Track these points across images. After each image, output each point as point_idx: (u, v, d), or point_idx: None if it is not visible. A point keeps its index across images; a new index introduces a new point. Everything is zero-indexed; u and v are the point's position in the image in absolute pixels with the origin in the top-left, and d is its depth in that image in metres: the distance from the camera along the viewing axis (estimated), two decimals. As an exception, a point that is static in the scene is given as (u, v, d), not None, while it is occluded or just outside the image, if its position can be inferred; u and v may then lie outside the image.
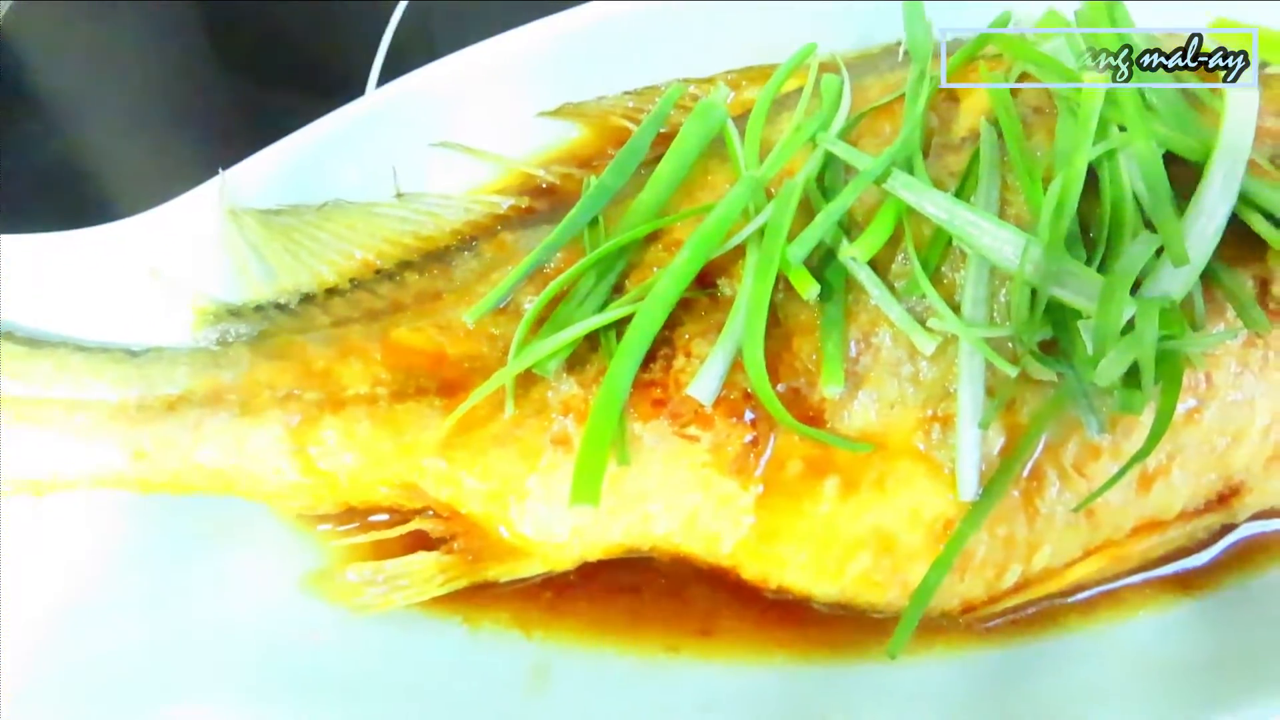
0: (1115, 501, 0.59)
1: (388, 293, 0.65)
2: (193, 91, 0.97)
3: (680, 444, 0.60)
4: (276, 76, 0.98)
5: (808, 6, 0.76)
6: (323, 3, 1.04)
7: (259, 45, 1.02)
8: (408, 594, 0.60)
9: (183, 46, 1.02)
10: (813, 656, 0.61)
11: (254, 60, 1.00)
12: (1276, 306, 0.57)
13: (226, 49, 1.02)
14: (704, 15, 0.76)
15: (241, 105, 0.95)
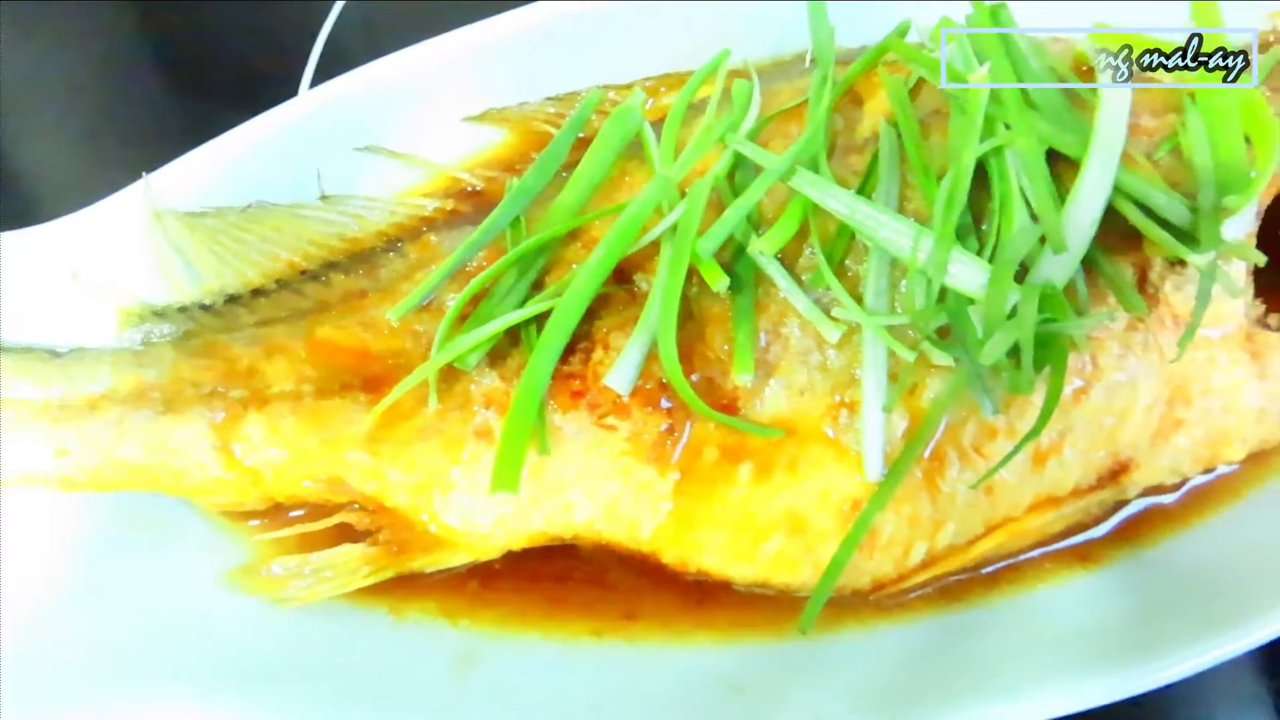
0: (1012, 479, 0.62)
1: (313, 292, 0.67)
2: (123, 92, 0.97)
3: (599, 433, 0.62)
4: (210, 77, 0.98)
5: (724, 13, 0.79)
6: (258, 2, 1.05)
7: (193, 45, 1.02)
8: (333, 585, 0.61)
9: (113, 46, 1.02)
10: (733, 636, 0.64)
11: (188, 60, 1.01)
12: (1154, 291, 0.61)
13: (159, 49, 1.02)
14: (624, 22, 0.78)
15: (174, 106, 0.95)
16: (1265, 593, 0.61)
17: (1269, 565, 0.64)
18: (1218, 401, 0.63)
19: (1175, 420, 0.63)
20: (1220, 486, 0.69)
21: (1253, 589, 0.62)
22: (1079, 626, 0.64)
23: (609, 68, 0.76)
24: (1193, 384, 0.62)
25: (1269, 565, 0.64)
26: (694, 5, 0.79)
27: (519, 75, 0.75)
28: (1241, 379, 0.63)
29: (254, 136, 0.69)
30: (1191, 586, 0.65)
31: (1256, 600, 0.60)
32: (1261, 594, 0.61)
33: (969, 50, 0.63)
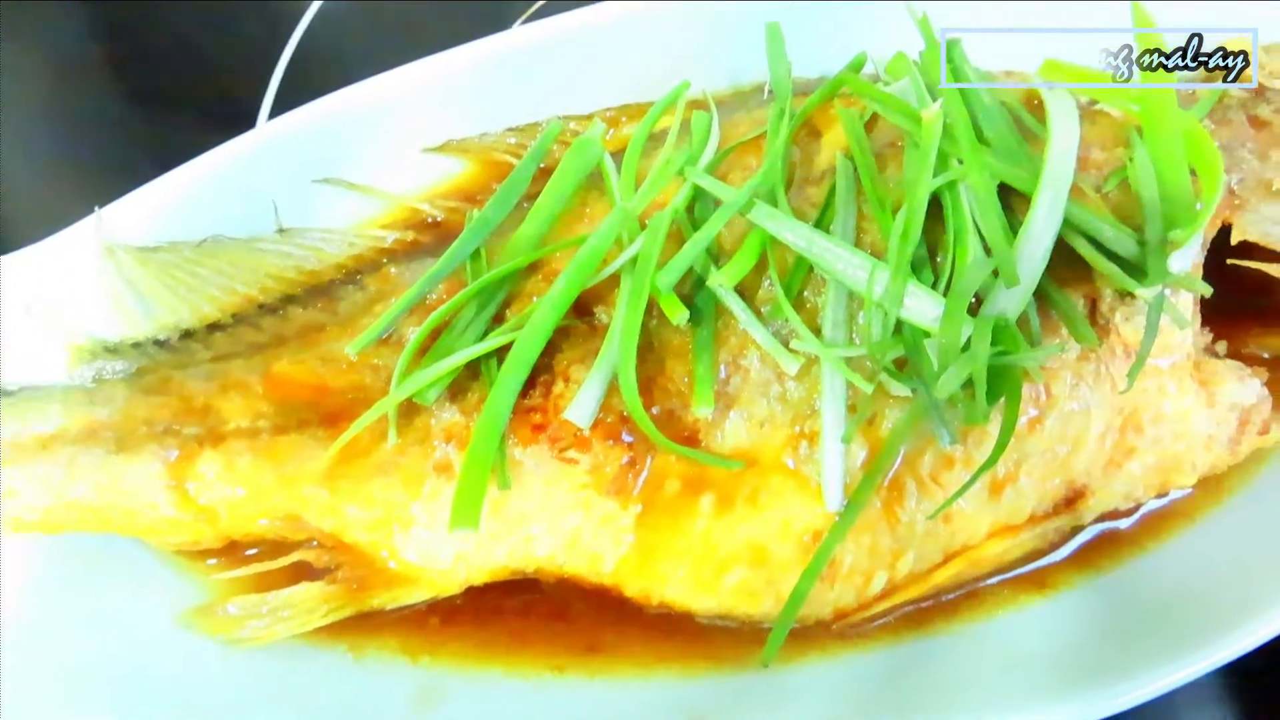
0: (970, 508, 0.63)
1: (270, 326, 0.66)
2: (84, 121, 0.96)
3: (560, 467, 0.62)
4: (176, 100, 0.97)
5: (684, 43, 0.80)
6: (219, 35, 1.04)
7: (158, 67, 1.01)
8: (291, 625, 0.60)
9: (72, 75, 1.00)
10: (695, 669, 0.64)
11: (149, 88, 1.00)
12: (1105, 322, 0.62)
13: (123, 72, 1.01)
14: (585, 53, 0.79)
15: (135, 133, 0.94)
16: (1223, 613, 0.62)
17: (1225, 586, 0.65)
18: (1168, 429, 0.64)
19: (1127, 448, 0.64)
20: (1174, 511, 0.70)
21: (1211, 610, 0.63)
22: (1039, 652, 0.65)
23: (570, 98, 0.77)
24: (1144, 412, 0.63)
25: (1225, 586, 0.65)
26: (656, 36, 0.80)
27: (480, 106, 0.76)
28: (1190, 407, 0.64)
29: (209, 169, 0.68)
30: (1149, 609, 0.66)
31: (1216, 621, 0.62)
32: (1220, 614, 0.62)
33: (922, 86, 0.64)
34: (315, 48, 1.01)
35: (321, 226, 0.69)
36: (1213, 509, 0.70)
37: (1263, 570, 0.65)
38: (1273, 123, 0.69)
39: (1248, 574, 0.65)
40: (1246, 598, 0.63)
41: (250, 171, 0.70)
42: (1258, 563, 0.66)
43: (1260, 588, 0.63)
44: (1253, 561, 0.66)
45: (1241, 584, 0.65)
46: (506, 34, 0.77)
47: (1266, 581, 0.63)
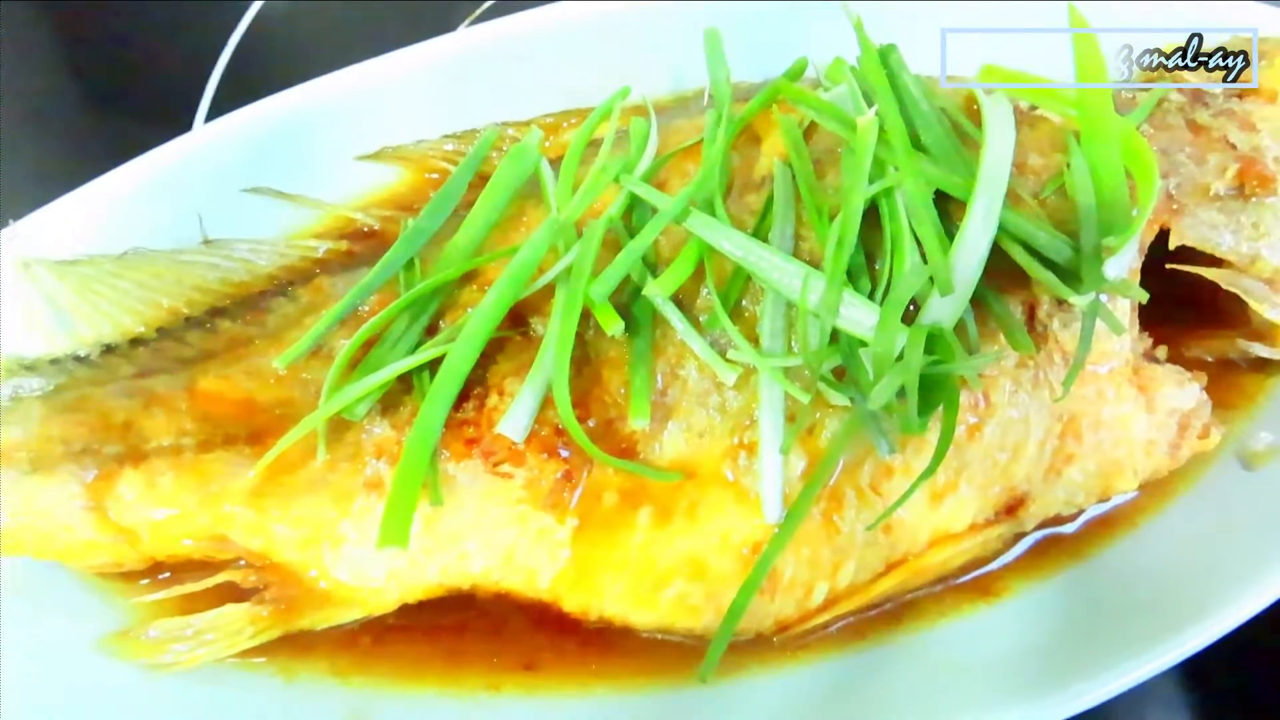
0: (910, 517, 0.62)
1: (197, 341, 0.64)
2: (22, 122, 0.93)
3: (494, 481, 0.61)
4: (113, 104, 0.95)
5: (626, 48, 0.79)
6: (164, 33, 1.02)
7: (99, 71, 0.99)
8: (216, 649, 0.58)
9: (13, 74, 0.98)
10: (635, 685, 0.63)
11: (92, 88, 0.97)
12: (1043, 329, 0.62)
13: (64, 76, 0.98)
14: (525, 58, 0.78)
15: (76, 134, 0.91)
16: (1169, 615, 0.62)
17: (1169, 588, 0.65)
18: (1108, 435, 0.64)
19: (1067, 454, 0.63)
20: (1117, 515, 0.70)
21: (1156, 612, 0.63)
22: (984, 660, 0.64)
23: (511, 104, 0.76)
24: (1083, 419, 0.63)
25: (1169, 588, 0.65)
26: (599, 40, 0.79)
27: (418, 112, 0.74)
28: (1129, 412, 0.64)
29: (133, 179, 0.66)
30: (1094, 614, 0.65)
31: (1162, 623, 0.61)
32: (1166, 616, 0.62)
33: (858, 92, 0.63)
34: (259, 50, 0.99)
35: (251, 237, 0.68)
36: (1156, 513, 0.70)
37: (1207, 572, 0.65)
38: (1210, 127, 0.69)
39: (1192, 576, 0.65)
40: (1192, 599, 0.62)
41: (178, 180, 0.68)
42: (1202, 565, 0.66)
43: (1205, 589, 0.63)
44: (1197, 564, 0.66)
45: (1186, 586, 0.65)
46: (445, 38, 0.76)
47: (1211, 583, 0.63)
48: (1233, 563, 0.64)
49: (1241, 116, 0.69)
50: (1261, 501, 0.68)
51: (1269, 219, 0.66)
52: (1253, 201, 0.66)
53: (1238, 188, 0.66)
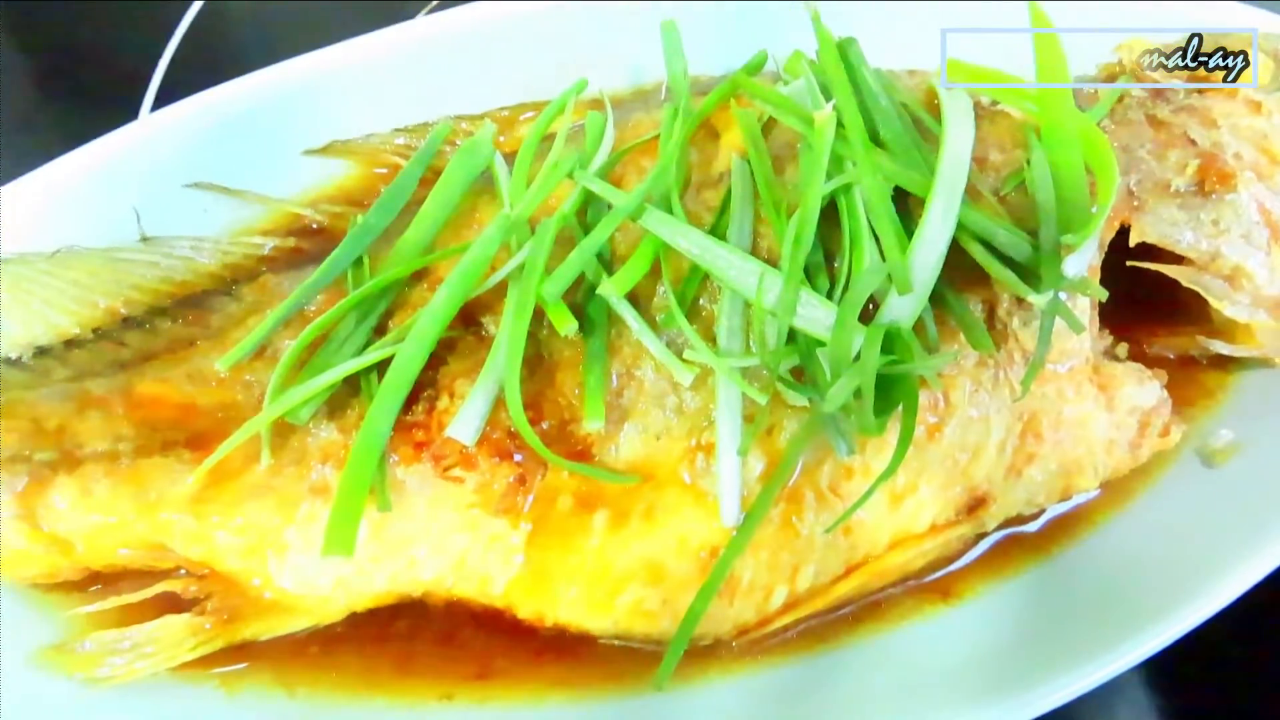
0: (870, 519, 0.61)
1: (135, 341, 0.62)
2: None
3: (445, 486, 0.59)
4: (60, 93, 0.91)
5: (588, 43, 0.77)
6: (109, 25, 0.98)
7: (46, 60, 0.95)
8: (155, 661, 0.56)
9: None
10: (592, 691, 0.61)
11: (40, 74, 0.94)
12: (1002, 328, 0.61)
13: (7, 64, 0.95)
14: (484, 50, 0.76)
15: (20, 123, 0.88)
16: (1132, 614, 0.61)
17: (1132, 587, 0.65)
18: (1068, 434, 0.63)
19: (1028, 454, 0.63)
20: (1078, 514, 0.69)
21: (1119, 611, 0.63)
22: (946, 662, 0.63)
23: (467, 97, 0.74)
24: (1043, 418, 0.62)
25: (1132, 587, 0.65)
26: (557, 32, 0.77)
27: (370, 104, 0.72)
28: (1090, 411, 0.63)
29: (69, 173, 0.64)
30: (1056, 614, 0.65)
31: (1124, 622, 0.61)
32: (1128, 615, 0.61)
33: (815, 87, 0.62)
34: (210, 38, 0.96)
35: (193, 234, 0.65)
36: (1117, 511, 0.69)
37: (1169, 570, 0.64)
38: (1171, 123, 0.68)
39: (1154, 574, 0.65)
40: (1155, 597, 0.62)
41: (117, 174, 0.65)
42: (1164, 563, 0.65)
43: (1167, 587, 0.62)
44: (1159, 562, 0.66)
45: (1148, 584, 0.64)
46: (398, 28, 0.74)
47: (1174, 581, 0.63)
48: (1195, 560, 0.64)
49: (1202, 112, 0.69)
50: (1222, 498, 0.68)
51: (1229, 216, 0.65)
52: (1213, 198, 0.65)
53: (1198, 184, 0.66)
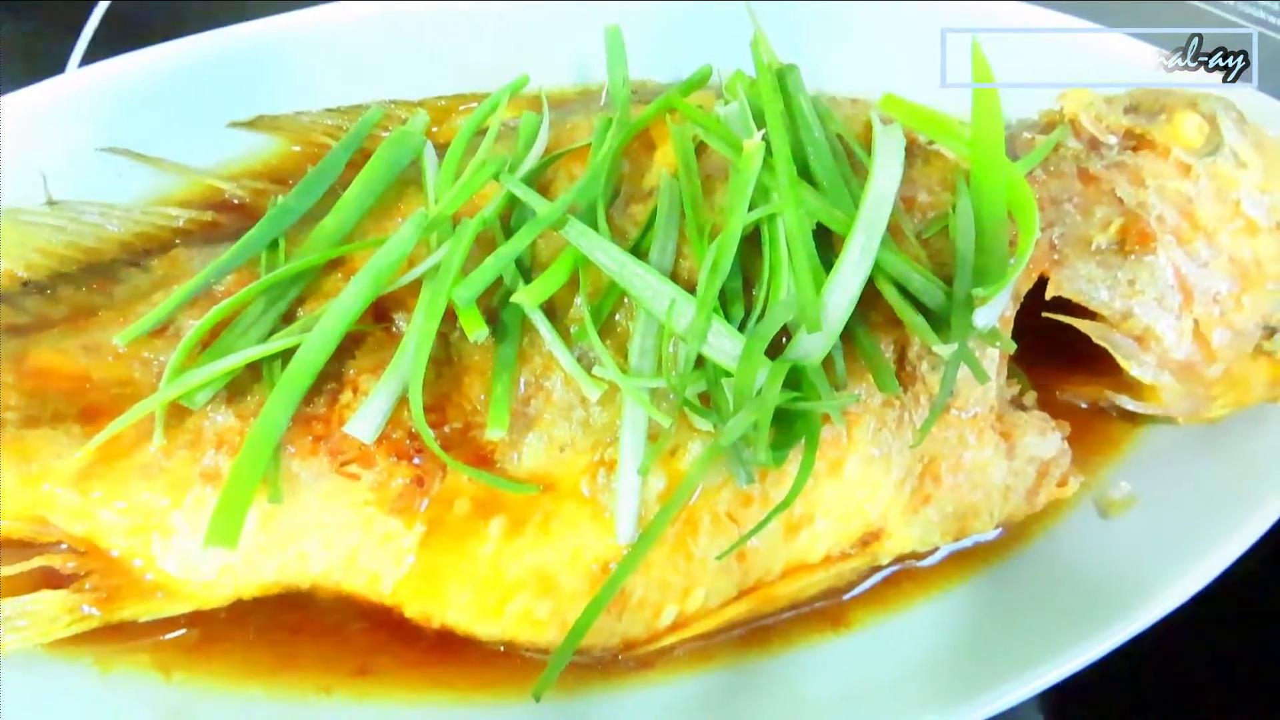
0: (764, 546, 0.62)
1: (34, 307, 0.60)
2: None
3: (340, 482, 0.59)
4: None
5: (535, 36, 0.76)
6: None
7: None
8: (27, 635, 0.55)
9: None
10: (472, 696, 0.61)
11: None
12: (912, 370, 0.62)
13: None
14: (428, 36, 0.74)
15: None
16: (1017, 656, 0.63)
17: (1017, 631, 0.66)
18: (965, 478, 0.64)
19: (925, 495, 0.63)
20: (974, 552, 0.71)
21: (1004, 652, 0.64)
22: (828, 690, 0.64)
23: (405, 82, 0.72)
24: (942, 462, 0.63)
25: (1017, 631, 0.66)
26: (504, 22, 0.75)
27: (301, 80, 0.70)
28: (989, 458, 0.64)
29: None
30: (943, 650, 0.66)
31: (1009, 663, 0.62)
32: (1014, 657, 0.63)
33: (748, 113, 0.62)
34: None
35: (103, 201, 0.64)
36: (1011, 553, 0.71)
37: (1055, 615, 0.66)
38: (1100, 178, 0.69)
39: (1042, 618, 0.66)
40: (1040, 641, 0.63)
41: (28, 132, 0.63)
42: (1051, 608, 0.67)
43: (1052, 633, 0.64)
44: (1047, 606, 0.67)
45: (1034, 628, 0.65)
46: (341, 5, 0.72)
47: (1060, 625, 0.64)
48: (1081, 608, 0.65)
49: (1133, 170, 0.69)
50: (1115, 549, 0.70)
51: (1145, 277, 0.66)
52: (1131, 258, 0.66)
53: (1119, 243, 0.67)
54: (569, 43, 0.76)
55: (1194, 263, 0.68)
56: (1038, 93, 0.76)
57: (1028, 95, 0.75)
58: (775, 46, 0.70)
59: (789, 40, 0.72)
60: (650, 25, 0.75)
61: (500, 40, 0.75)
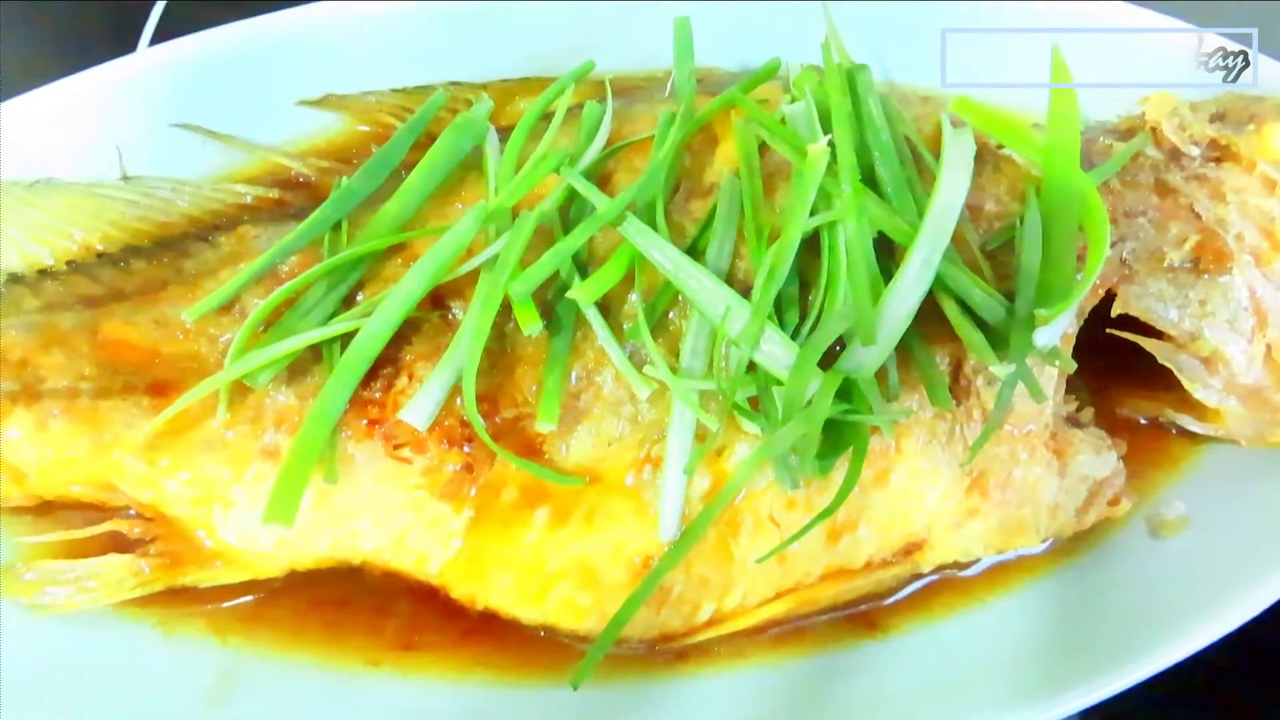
0: (805, 550, 0.62)
1: (108, 278, 0.62)
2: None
3: (393, 465, 0.60)
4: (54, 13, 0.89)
5: (602, 19, 0.75)
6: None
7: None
8: (96, 596, 0.58)
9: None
10: (512, 677, 0.63)
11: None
12: (966, 384, 0.61)
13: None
14: (494, 17, 0.73)
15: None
16: (1056, 670, 0.62)
17: (1057, 647, 0.65)
18: (1014, 494, 0.63)
19: (971, 508, 0.63)
20: (1017, 564, 0.70)
21: (1042, 669, 0.63)
22: (862, 696, 0.64)
23: (468, 63, 0.72)
24: (991, 477, 0.62)
25: (1057, 647, 0.65)
26: (572, 7, 0.75)
27: (369, 61, 0.70)
28: (1040, 475, 0.63)
29: (54, 103, 0.63)
30: (979, 661, 0.65)
31: (1045, 680, 0.62)
32: (1050, 675, 0.62)
33: (814, 115, 0.60)
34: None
35: (175, 176, 0.65)
36: (1056, 567, 0.70)
37: (1096, 635, 0.65)
38: (1179, 191, 0.66)
39: (1082, 636, 0.66)
40: (1078, 660, 0.63)
41: (103, 107, 0.64)
42: (1093, 626, 0.66)
43: (1091, 652, 0.63)
44: (1088, 624, 0.67)
45: (1074, 645, 0.65)
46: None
47: (1098, 647, 0.64)
48: (1125, 629, 0.64)
49: (1214, 184, 0.67)
50: (1163, 571, 0.68)
51: (1217, 298, 0.64)
52: (1205, 278, 0.64)
53: (1193, 261, 0.64)
54: (634, 28, 0.75)
55: (1271, 284, 0.65)
56: (1116, 94, 0.74)
57: (1104, 96, 0.73)
58: (846, 39, 0.69)
59: (860, 33, 0.71)
60: (717, 12, 0.74)
61: (570, 22, 0.74)
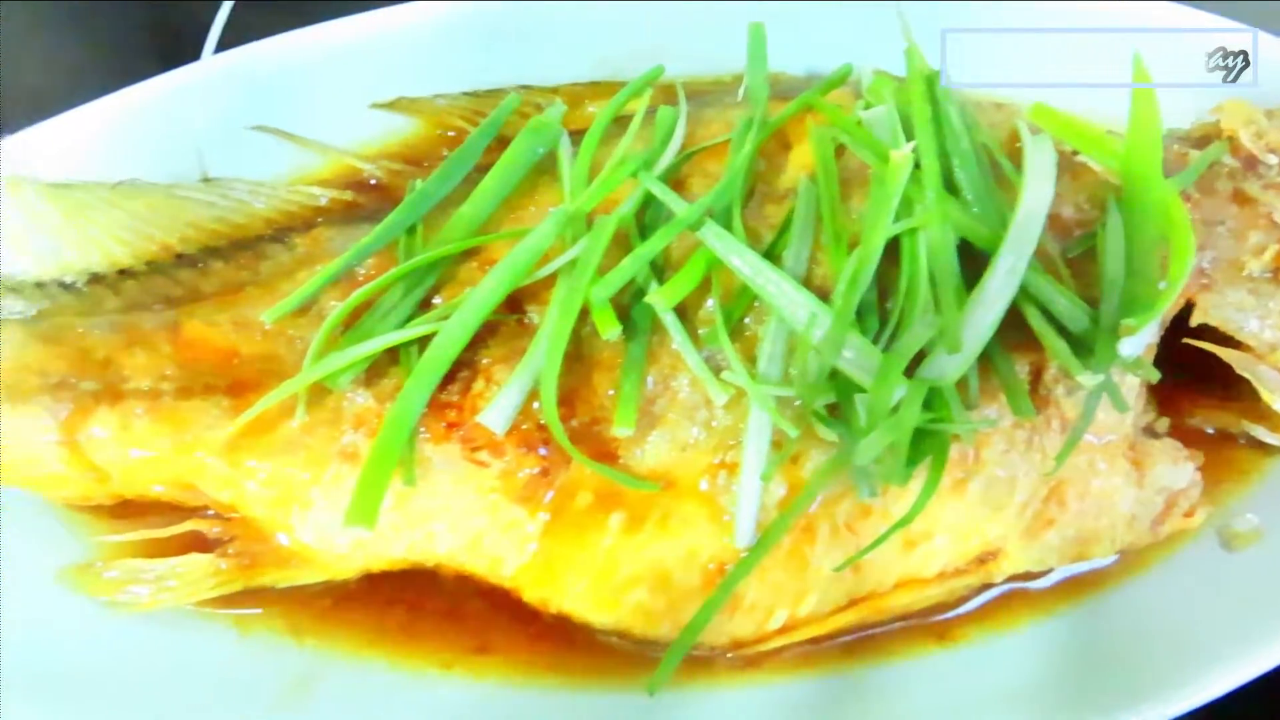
0: (880, 559, 0.62)
1: (187, 279, 0.63)
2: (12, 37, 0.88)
3: (470, 468, 0.60)
4: (118, 23, 0.90)
5: (668, 23, 0.75)
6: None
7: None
8: (176, 595, 0.59)
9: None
10: (582, 682, 0.63)
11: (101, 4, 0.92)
12: (1046, 393, 0.60)
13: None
14: (562, 21, 0.74)
15: (73, 53, 0.87)
16: (1124, 685, 0.61)
17: (1130, 657, 0.64)
18: (1092, 504, 0.62)
19: (1048, 519, 0.62)
20: (1088, 577, 0.69)
21: (1113, 680, 0.63)
22: (932, 703, 0.64)
23: (538, 67, 0.72)
24: (1069, 487, 0.62)
25: (1130, 657, 0.64)
26: (637, 8, 0.75)
27: (441, 64, 0.71)
28: (1118, 486, 0.62)
29: (133, 105, 0.64)
30: (1051, 672, 0.65)
31: (1116, 692, 0.61)
32: (1122, 686, 0.61)
33: (896, 120, 0.60)
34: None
35: (251, 178, 0.65)
36: (1127, 580, 0.69)
37: (1169, 646, 0.64)
38: (1258, 200, 0.65)
39: (1155, 647, 0.65)
40: (1152, 671, 0.62)
41: (180, 111, 0.65)
42: (1165, 638, 0.65)
43: (1164, 663, 0.62)
44: (1160, 636, 0.66)
45: (1148, 656, 0.64)
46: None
47: (1171, 658, 0.63)
48: (1195, 642, 0.64)
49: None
50: (1235, 583, 0.68)
51: (1299, 308, 0.63)
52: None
53: (1273, 271, 0.64)
54: (702, 31, 0.75)
55: (1353, 294, 0.65)
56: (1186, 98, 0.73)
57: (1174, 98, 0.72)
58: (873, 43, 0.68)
59: (928, 35, 0.70)
60: (787, 17, 0.74)
61: (636, 25, 0.74)
